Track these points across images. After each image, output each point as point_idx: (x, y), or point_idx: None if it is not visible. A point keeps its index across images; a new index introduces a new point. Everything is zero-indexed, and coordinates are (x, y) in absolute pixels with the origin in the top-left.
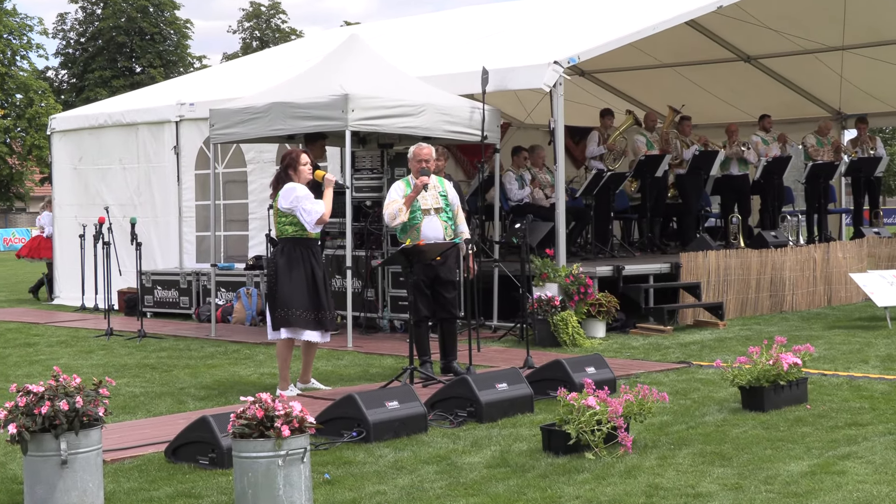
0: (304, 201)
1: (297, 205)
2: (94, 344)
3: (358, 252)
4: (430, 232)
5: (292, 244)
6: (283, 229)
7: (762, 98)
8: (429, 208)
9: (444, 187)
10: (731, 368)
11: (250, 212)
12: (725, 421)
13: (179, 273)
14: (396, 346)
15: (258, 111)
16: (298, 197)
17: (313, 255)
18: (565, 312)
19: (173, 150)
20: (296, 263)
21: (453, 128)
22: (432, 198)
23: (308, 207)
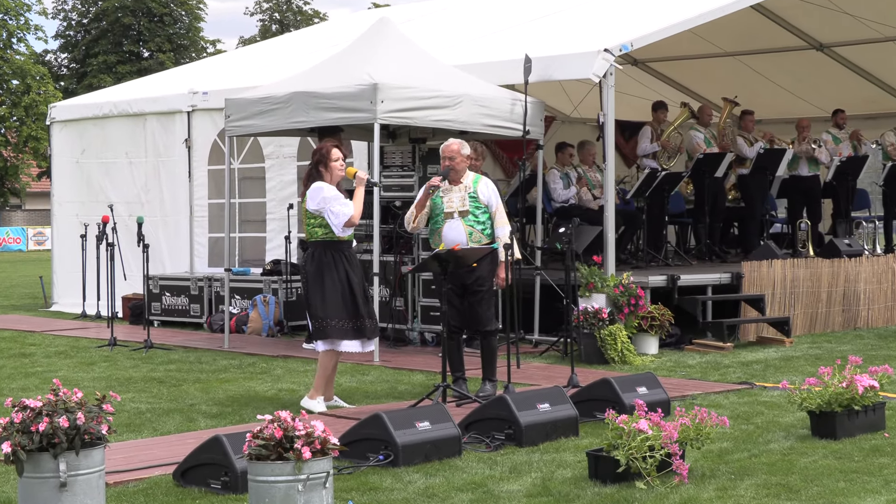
0: (332, 202)
1: (325, 206)
2: (96, 355)
3: (386, 257)
4: (451, 237)
5: (322, 248)
6: (313, 232)
7: (836, 91)
8: (452, 211)
9: (475, 188)
10: (799, 391)
11: (268, 211)
12: (792, 449)
13: (190, 278)
14: (427, 360)
15: (278, 101)
16: (326, 198)
17: (346, 259)
18: (614, 326)
19: (184, 143)
20: (327, 269)
21: (492, 121)
22: (459, 199)
23: (336, 209)
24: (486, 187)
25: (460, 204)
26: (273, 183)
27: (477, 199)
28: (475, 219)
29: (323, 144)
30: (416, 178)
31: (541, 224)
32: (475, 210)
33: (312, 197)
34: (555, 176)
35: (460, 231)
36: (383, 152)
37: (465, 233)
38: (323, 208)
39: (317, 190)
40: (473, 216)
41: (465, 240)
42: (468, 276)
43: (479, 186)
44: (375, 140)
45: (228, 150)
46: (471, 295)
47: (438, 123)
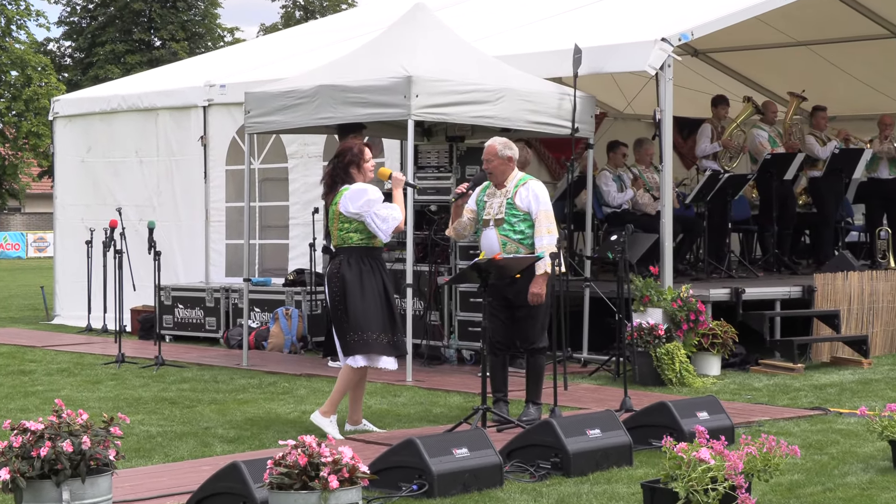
0: (377, 206)
1: (370, 209)
2: (102, 373)
3: (420, 267)
4: (485, 247)
5: (359, 255)
6: (346, 237)
7: None
8: (489, 218)
9: (514, 193)
10: (880, 418)
11: (291, 216)
12: (872, 483)
13: (205, 289)
14: (465, 380)
15: (303, 95)
16: (371, 200)
17: (382, 268)
18: (671, 344)
19: (200, 140)
20: (367, 277)
21: (537, 118)
22: (497, 206)
23: (384, 214)
24: (528, 191)
25: (497, 211)
26: (297, 185)
27: (514, 205)
28: (511, 228)
29: (353, 143)
30: (452, 179)
31: (591, 231)
32: (511, 218)
33: (354, 199)
34: (606, 178)
35: (493, 241)
36: (417, 152)
37: (498, 243)
38: (366, 212)
39: (359, 192)
40: (509, 225)
41: (498, 250)
42: (510, 288)
43: (520, 191)
44: (409, 138)
45: (248, 148)
46: (517, 308)
47: (478, 120)
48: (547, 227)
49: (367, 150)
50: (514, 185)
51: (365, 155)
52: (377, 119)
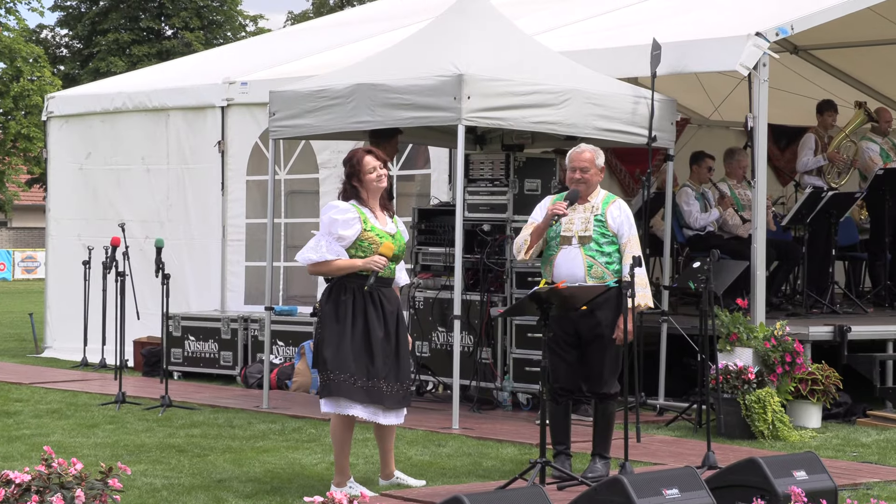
0: (325, 229)
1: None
2: (100, 415)
3: (470, 296)
4: (565, 270)
5: (347, 283)
6: None
7: None
8: (571, 235)
9: (604, 209)
10: None
11: None
12: None
13: (221, 318)
14: (520, 429)
15: (337, 95)
16: (324, 222)
17: (373, 302)
18: (763, 390)
19: (217, 146)
20: (344, 310)
21: (608, 124)
22: (582, 221)
23: (321, 244)
24: (620, 211)
25: (582, 227)
26: (329, 198)
27: (605, 223)
28: (598, 248)
29: (354, 152)
30: (509, 195)
31: (669, 257)
32: (600, 237)
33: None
34: (688, 195)
35: (578, 262)
36: (469, 162)
37: (583, 265)
38: (319, 231)
39: (326, 209)
40: (596, 244)
41: (581, 274)
42: (584, 321)
43: (611, 209)
44: (459, 146)
45: (273, 156)
46: (588, 345)
47: (539, 126)
48: (636, 250)
49: (367, 157)
50: (601, 201)
51: (364, 165)
52: (422, 124)
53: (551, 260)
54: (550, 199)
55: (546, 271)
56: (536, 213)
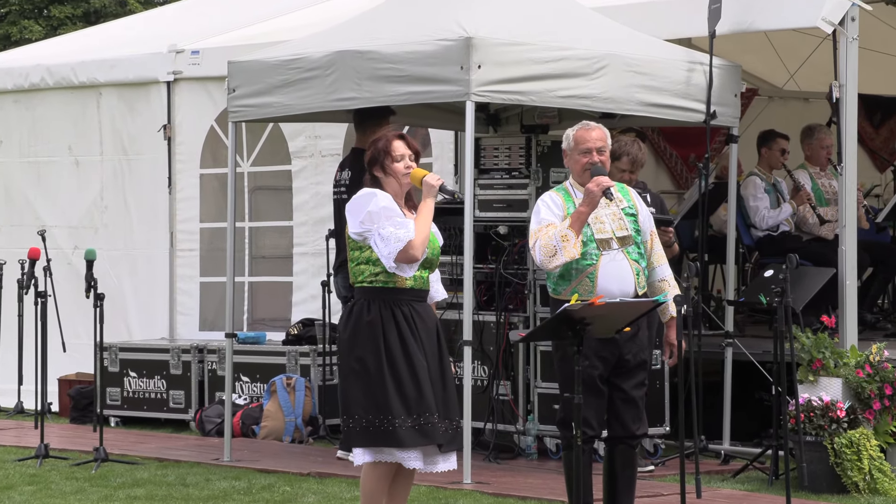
0: (381, 220)
1: (372, 226)
2: (16, 474)
3: (484, 316)
4: (614, 281)
5: (371, 299)
6: (358, 272)
7: None
8: (609, 237)
9: (630, 200)
10: None
11: (296, 242)
12: None
13: (170, 348)
14: (549, 482)
15: (313, 66)
16: (373, 213)
17: (411, 322)
18: (857, 431)
19: (163, 132)
20: (376, 335)
21: (655, 98)
22: (613, 219)
23: (387, 231)
24: (640, 200)
25: (618, 227)
26: (304, 196)
27: (636, 218)
28: (638, 251)
29: (381, 135)
30: (531, 188)
31: (733, 264)
32: (637, 236)
33: (354, 211)
34: (756, 186)
35: (626, 271)
36: (480, 148)
37: (632, 273)
38: (369, 230)
39: (361, 200)
40: (636, 247)
41: (633, 285)
42: (627, 346)
43: (634, 197)
44: (468, 128)
45: (234, 143)
46: (629, 374)
47: (568, 101)
48: (662, 251)
49: (397, 142)
50: (620, 191)
51: (393, 150)
52: (422, 101)
53: (591, 272)
54: (554, 197)
55: (582, 286)
56: (545, 208)
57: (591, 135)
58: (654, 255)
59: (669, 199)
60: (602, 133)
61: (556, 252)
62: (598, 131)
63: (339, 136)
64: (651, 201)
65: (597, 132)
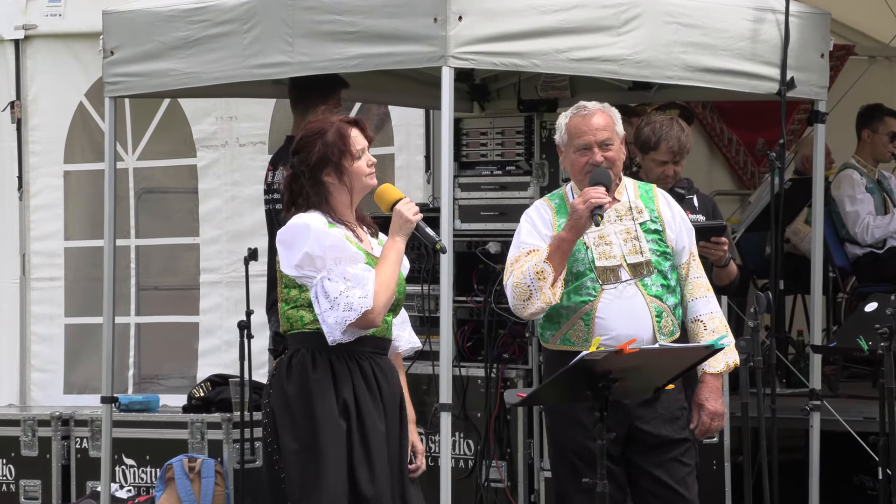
0: (326, 267)
1: (313, 275)
2: None
3: (469, 368)
4: (620, 324)
5: (317, 350)
6: (296, 316)
7: None
8: (616, 265)
9: (655, 209)
10: None
11: (204, 268)
12: None
13: (21, 420)
14: None
15: (225, 19)
16: (314, 257)
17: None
18: None
19: (10, 110)
20: (321, 401)
21: (709, 60)
22: (625, 238)
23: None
24: (671, 205)
25: (630, 248)
26: (215, 202)
27: (662, 234)
28: (663, 281)
29: (325, 121)
30: (533, 188)
31: (820, 294)
32: (661, 261)
33: (288, 245)
34: (855, 184)
35: (639, 309)
36: (461, 132)
37: (649, 314)
38: (308, 277)
39: (297, 234)
40: (660, 275)
41: (649, 330)
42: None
43: (659, 202)
44: (445, 105)
45: (112, 127)
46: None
47: (585, 67)
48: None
49: (356, 132)
50: (636, 191)
51: (351, 144)
52: (382, 66)
53: (587, 311)
54: (542, 209)
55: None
56: (526, 236)
57: (589, 123)
58: (689, 286)
59: (728, 203)
60: (606, 119)
61: (532, 295)
62: (602, 116)
63: (263, 118)
64: (699, 206)
65: (599, 117)
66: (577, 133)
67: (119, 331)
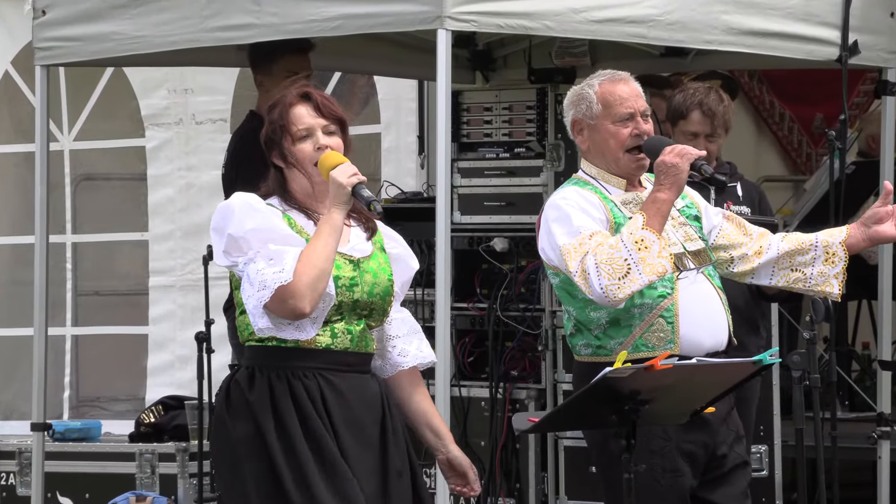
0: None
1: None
2: None
3: (469, 388)
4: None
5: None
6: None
7: None
8: (679, 252)
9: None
10: None
11: (154, 269)
12: None
13: None
14: None
15: None
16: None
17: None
18: None
19: None
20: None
21: (754, 21)
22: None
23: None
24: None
25: (683, 234)
26: (167, 191)
27: (700, 219)
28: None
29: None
30: (547, 175)
31: (889, 299)
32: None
33: (219, 229)
34: None
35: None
36: (461, 108)
37: (723, 309)
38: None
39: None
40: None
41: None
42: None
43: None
44: (441, 75)
45: (44, 101)
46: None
47: (608, 30)
48: None
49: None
50: None
51: (291, 122)
52: (362, 30)
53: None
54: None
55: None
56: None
57: (631, 88)
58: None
59: (778, 191)
60: (638, 88)
61: (630, 270)
62: (636, 85)
63: (224, 91)
64: (743, 196)
65: (635, 86)
66: (617, 100)
67: (53, 344)
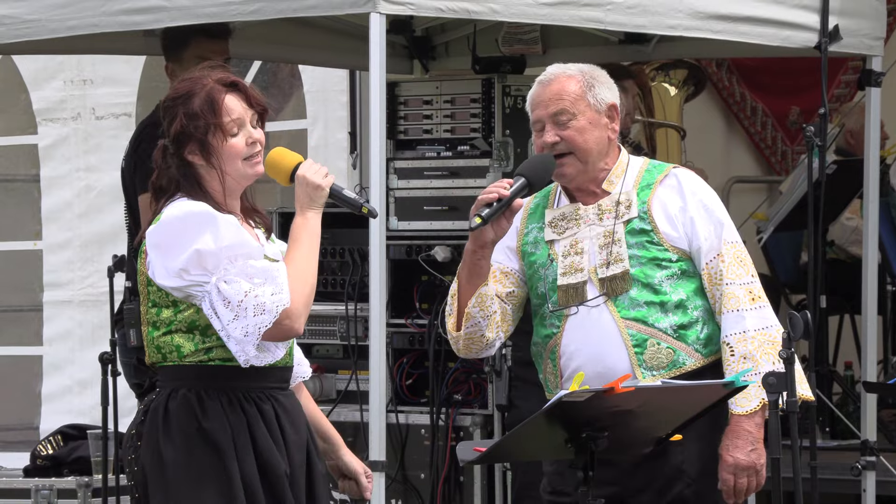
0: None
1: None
2: None
3: (410, 415)
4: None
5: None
6: (171, 345)
7: None
8: (579, 281)
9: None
10: None
11: (49, 282)
12: None
13: None
14: None
15: None
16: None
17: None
18: None
19: None
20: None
21: (725, 4)
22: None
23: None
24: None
25: (603, 257)
26: (64, 194)
27: (652, 231)
28: (652, 295)
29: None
30: (494, 175)
31: (874, 313)
32: (653, 270)
33: (166, 246)
34: None
35: (607, 336)
36: (397, 101)
37: (620, 339)
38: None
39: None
40: (646, 287)
41: (623, 361)
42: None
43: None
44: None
45: None
46: None
47: (562, 14)
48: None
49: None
50: (634, 182)
51: (222, 114)
52: (286, 14)
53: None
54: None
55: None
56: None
57: (543, 92)
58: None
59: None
60: (568, 84)
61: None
62: (563, 82)
63: (128, 82)
64: None
65: (557, 84)
66: (531, 106)
67: None
